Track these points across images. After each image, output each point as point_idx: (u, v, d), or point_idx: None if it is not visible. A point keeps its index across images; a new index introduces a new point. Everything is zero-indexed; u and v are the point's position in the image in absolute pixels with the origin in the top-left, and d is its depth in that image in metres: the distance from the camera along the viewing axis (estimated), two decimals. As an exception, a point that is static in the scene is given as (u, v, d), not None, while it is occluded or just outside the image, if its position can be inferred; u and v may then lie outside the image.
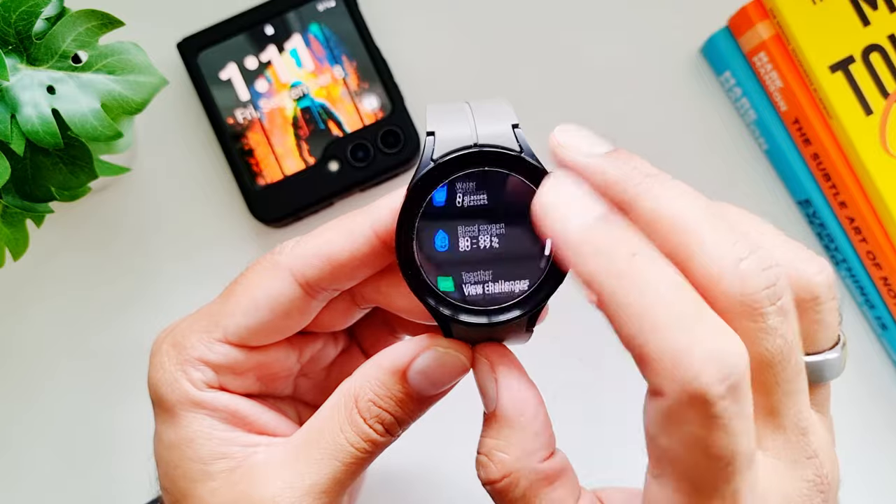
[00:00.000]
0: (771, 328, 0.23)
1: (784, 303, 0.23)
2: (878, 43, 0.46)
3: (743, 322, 0.23)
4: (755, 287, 0.22)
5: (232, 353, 0.30)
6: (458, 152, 0.26)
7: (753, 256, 0.23)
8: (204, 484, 0.29)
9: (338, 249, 0.28)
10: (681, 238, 0.23)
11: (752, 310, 0.23)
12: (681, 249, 0.23)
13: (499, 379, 0.27)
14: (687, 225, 0.23)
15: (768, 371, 0.23)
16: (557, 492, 0.27)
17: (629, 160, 0.24)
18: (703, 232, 0.23)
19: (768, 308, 0.23)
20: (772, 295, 0.23)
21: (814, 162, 0.47)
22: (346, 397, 0.28)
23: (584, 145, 0.25)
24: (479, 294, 0.26)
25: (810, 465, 0.24)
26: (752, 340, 0.23)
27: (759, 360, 0.23)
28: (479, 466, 0.27)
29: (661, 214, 0.23)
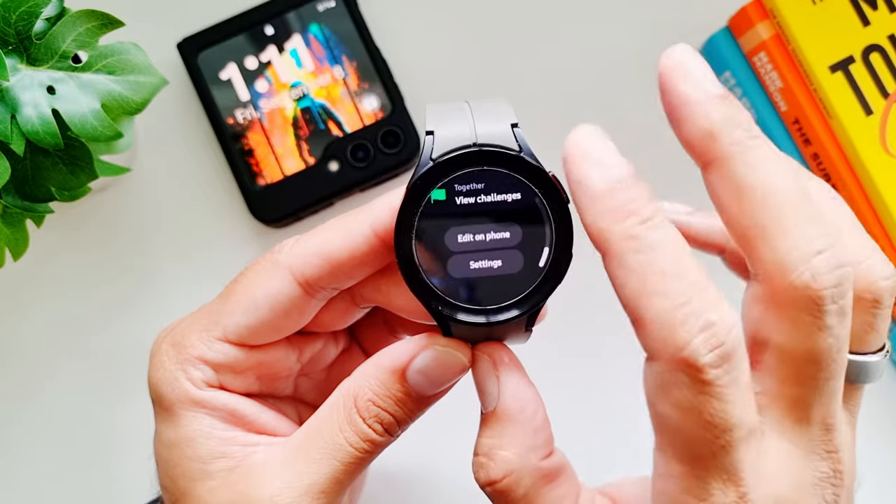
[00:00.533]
0: (826, 326, 0.23)
1: (845, 303, 0.23)
2: (878, 43, 0.46)
3: (800, 314, 0.22)
4: (823, 284, 0.22)
5: (232, 352, 0.30)
6: (458, 151, 0.26)
7: (829, 252, 0.22)
8: (203, 483, 0.29)
9: (337, 248, 0.28)
10: (764, 214, 0.22)
11: (814, 305, 0.22)
12: (759, 225, 0.22)
13: (501, 376, 0.27)
14: (774, 201, 0.22)
15: (811, 366, 0.23)
16: (558, 490, 0.27)
17: (738, 113, 0.23)
18: (786, 215, 0.22)
19: (829, 306, 0.22)
20: (836, 294, 0.22)
21: (814, 162, 0.47)
22: (346, 397, 0.28)
23: (701, 77, 0.23)
24: (479, 293, 0.26)
25: (828, 459, 0.24)
26: (805, 334, 0.23)
27: (805, 354, 0.23)
28: (477, 468, 0.27)
29: (751, 183, 0.22)
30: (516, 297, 0.26)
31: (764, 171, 0.22)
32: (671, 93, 0.23)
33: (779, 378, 0.24)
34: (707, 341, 0.21)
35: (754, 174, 0.22)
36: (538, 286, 0.26)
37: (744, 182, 0.22)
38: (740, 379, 0.22)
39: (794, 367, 0.23)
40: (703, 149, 0.23)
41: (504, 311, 0.26)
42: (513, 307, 0.26)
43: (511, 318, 0.26)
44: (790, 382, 0.23)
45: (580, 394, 0.47)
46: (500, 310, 0.26)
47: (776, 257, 0.22)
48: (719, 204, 0.23)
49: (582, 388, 0.47)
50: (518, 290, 0.26)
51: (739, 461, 0.22)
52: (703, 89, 0.23)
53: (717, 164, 0.23)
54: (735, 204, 0.23)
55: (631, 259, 0.22)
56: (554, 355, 0.45)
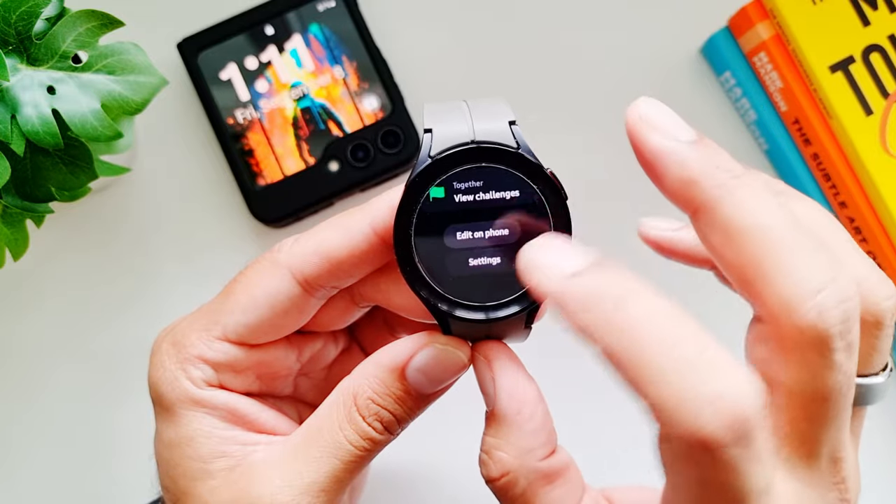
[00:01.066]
0: (836, 364, 0.22)
1: (852, 338, 0.22)
2: (878, 43, 0.46)
3: (809, 355, 0.22)
4: (830, 322, 0.21)
5: (231, 351, 0.30)
6: (456, 149, 0.26)
7: (833, 286, 0.21)
8: (204, 482, 0.29)
9: (336, 247, 0.28)
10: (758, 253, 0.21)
11: (823, 344, 0.21)
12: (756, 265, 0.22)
13: (496, 377, 0.27)
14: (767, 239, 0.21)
15: (821, 405, 0.22)
16: (558, 490, 0.27)
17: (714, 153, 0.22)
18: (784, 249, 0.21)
19: (838, 343, 0.21)
20: (844, 331, 0.21)
21: (814, 162, 0.47)
22: (345, 395, 0.28)
23: (668, 125, 0.22)
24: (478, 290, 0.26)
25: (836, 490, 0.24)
26: (814, 374, 0.22)
27: (814, 394, 0.22)
28: (480, 464, 0.27)
29: (740, 226, 0.22)
30: (515, 294, 0.26)
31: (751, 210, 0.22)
32: (643, 148, 0.22)
33: (788, 418, 0.23)
34: (721, 418, 0.20)
35: (742, 216, 0.22)
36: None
37: (733, 225, 0.22)
38: (759, 448, 0.21)
39: (802, 406, 0.22)
40: (686, 198, 0.22)
41: (502, 308, 0.26)
42: (511, 304, 0.26)
43: (509, 315, 0.26)
44: (798, 421, 0.23)
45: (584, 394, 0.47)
46: (498, 307, 0.26)
47: (778, 298, 0.21)
48: (712, 248, 0.22)
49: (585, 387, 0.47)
50: (517, 287, 0.26)
51: None
52: (674, 138, 0.22)
53: (703, 210, 0.22)
54: (728, 248, 0.22)
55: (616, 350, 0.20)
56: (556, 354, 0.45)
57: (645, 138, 0.22)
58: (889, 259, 0.45)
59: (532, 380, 0.27)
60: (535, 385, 0.27)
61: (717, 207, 0.22)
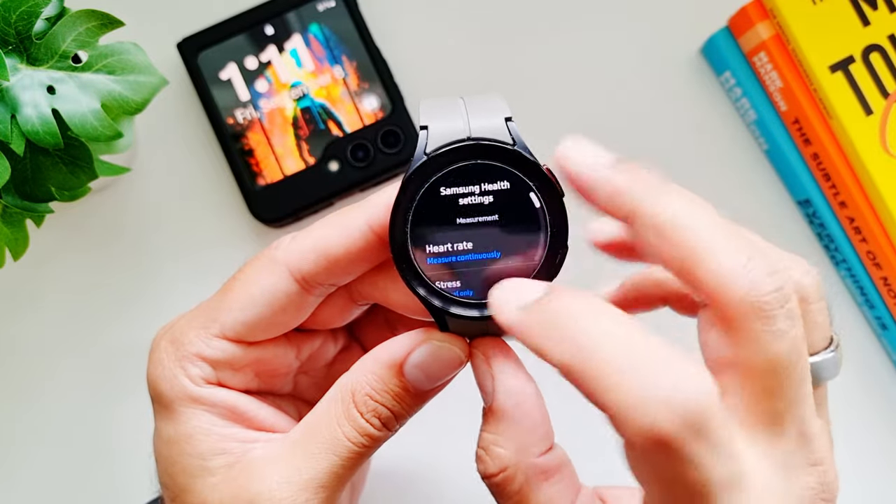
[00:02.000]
0: (780, 331, 0.23)
1: (792, 306, 0.23)
2: (878, 43, 0.46)
3: (752, 325, 0.23)
4: (764, 290, 0.23)
5: (229, 349, 0.30)
6: (452, 145, 0.26)
7: (760, 260, 0.23)
8: (203, 479, 0.29)
9: (333, 244, 0.28)
10: (688, 244, 0.23)
11: (762, 312, 0.23)
12: (688, 254, 0.23)
13: (494, 373, 0.27)
14: (693, 230, 0.23)
15: (774, 376, 0.23)
16: (555, 487, 0.27)
17: (635, 170, 0.25)
18: (710, 236, 0.23)
19: (777, 311, 0.23)
20: (781, 298, 0.23)
21: (814, 162, 0.47)
22: (343, 392, 0.28)
23: (590, 156, 0.25)
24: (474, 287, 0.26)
25: (814, 473, 0.24)
26: (760, 344, 0.23)
27: (766, 365, 0.23)
28: (477, 461, 0.27)
29: (668, 220, 0.24)
30: None
31: (674, 206, 0.24)
32: (573, 176, 0.25)
33: (746, 396, 0.24)
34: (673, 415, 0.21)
35: (666, 212, 0.24)
36: (534, 279, 0.26)
37: (660, 221, 0.24)
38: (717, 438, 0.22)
39: (758, 380, 0.23)
40: (617, 208, 0.25)
41: None
42: None
43: None
44: (758, 398, 0.23)
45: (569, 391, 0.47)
46: None
47: (714, 279, 0.23)
48: (650, 250, 0.24)
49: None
50: None
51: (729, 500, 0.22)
52: (596, 162, 0.25)
53: (633, 215, 0.24)
54: (661, 244, 0.24)
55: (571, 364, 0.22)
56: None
57: (572, 169, 0.25)
58: (889, 259, 0.45)
59: (530, 376, 0.27)
60: (534, 381, 0.27)
61: (644, 209, 0.24)
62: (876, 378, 0.49)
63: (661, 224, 0.24)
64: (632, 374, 0.21)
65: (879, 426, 0.49)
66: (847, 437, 0.47)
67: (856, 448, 0.48)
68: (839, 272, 0.49)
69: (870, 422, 0.49)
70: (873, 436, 0.49)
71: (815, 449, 0.24)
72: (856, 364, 0.49)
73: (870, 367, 0.49)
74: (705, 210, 0.24)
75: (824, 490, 0.24)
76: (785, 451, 0.24)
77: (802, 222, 0.50)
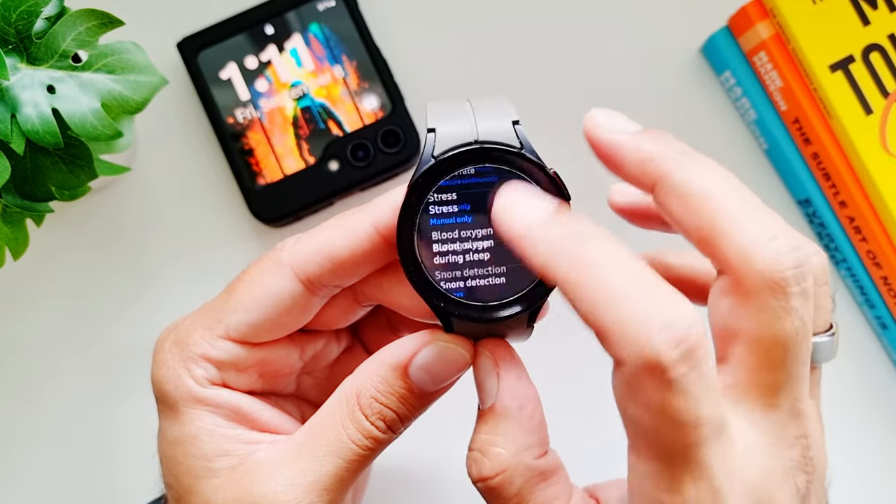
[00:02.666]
0: (793, 308, 0.23)
1: (807, 286, 0.24)
2: (878, 42, 0.46)
3: (767, 298, 0.23)
4: (785, 265, 0.23)
5: (234, 350, 0.30)
6: (459, 149, 0.26)
7: (785, 235, 0.23)
8: (207, 481, 0.29)
9: (339, 246, 0.29)
10: (713, 212, 0.24)
11: (779, 287, 0.23)
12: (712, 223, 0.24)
13: (501, 373, 0.27)
14: (720, 200, 0.24)
15: (780, 350, 0.24)
16: (551, 489, 0.27)
17: (663, 136, 0.25)
18: (735, 207, 0.24)
19: (794, 288, 0.23)
20: (798, 276, 0.23)
21: (814, 162, 0.47)
22: (348, 394, 0.28)
23: (618, 123, 0.26)
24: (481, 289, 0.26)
25: (797, 445, 0.25)
26: (772, 318, 0.23)
27: (773, 338, 0.24)
28: (470, 463, 0.27)
29: (695, 189, 0.24)
30: (517, 293, 0.26)
31: (701, 175, 0.24)
32: (600, 146, 0.25)
33: (748, 366, 0.24)
34: (669, 339, 0.22)
35: (694, 180, 0.24)
36: (540, 283, 0.26)
37: (687, 189, 0.24)
38: (706, 374, 0.22)
39: (763, 352, 0.24)
40: (643, 175, 0.25)
41: (505, 307, 0.26)
42: (514, 304, 0.26)
43: (512, 314, 0.26)
44: (759, 369, 0.24)
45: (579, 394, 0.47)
46: (501, 306, 0.26)
47: (736, 249, 0.23)
48: (672, 217, 0.24)
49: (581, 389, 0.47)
50: (519, 286, 0.26)
51: (710, 456, 0.23)
52: (624, 131, 0.25)
53: (660, 182, 0.24)
54: (686, 212, 0.24)
55: (575, 278, 0.23)
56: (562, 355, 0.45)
57: (600, 137, 0.25)
58: (889, 259, 0.45)
59: (531, 380, 0.28)
60: (535, 386, 0.28)
61: (671, 177, 0.24)
62: (876, 378, 0.49)
63: (688, 192, 0.24)
64: (634, 295, 0.22)
65: (879, 426, 0.49)
66: (847, 437, 0.47)
67: (856, 448, 0.48)
68: (839, 272, 0.49)
69: (870, 422, 0.49)
70: (873, 435, 0.49)
71: (802, 424, 0.25)
72: (856, 364, 0.49)
73: (870, 367, 0.49)
74: (732, 181, 0.24)
75: (806, 464, 0.25)
76: (775, 423, 0.24)
77: (802, 222, 0.50)
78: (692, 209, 0.24)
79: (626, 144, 0.25)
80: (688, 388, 0.22)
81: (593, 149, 0.25)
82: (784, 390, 0.24)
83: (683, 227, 0.24)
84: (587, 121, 0.26)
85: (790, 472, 0.24)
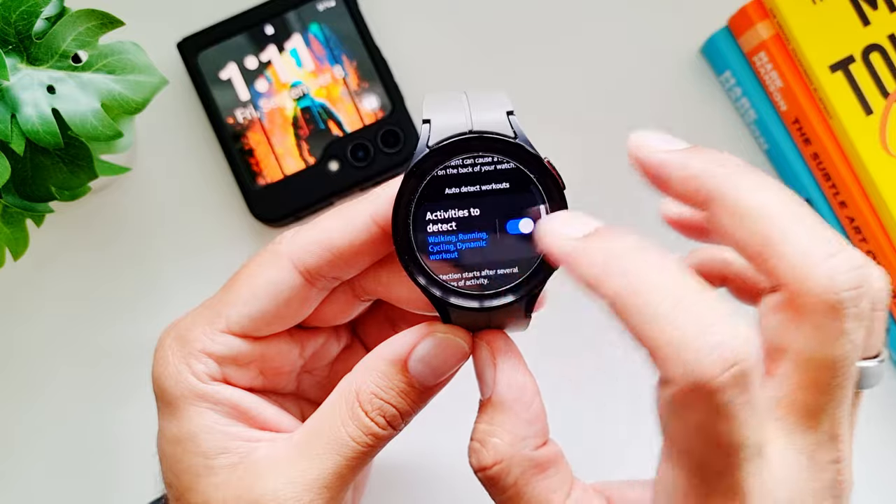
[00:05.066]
0: (846, 331, 0.23)
1: (864, 307, 0.23)
2: (879, 43, 0.46)
3: (821, 319, 0.23)
4: (842, 286, 0.22)
5: (235, 344, 0.30)
6: (453, 139, 0.26)
7: (843, 254, 0.23)
8: (207, 478, 0.29)
9: (337, 237, 0.29)
10: (767, 229, 0.23)
11: (835, 309, 0.22)
12: (767, 241, 0.23)
13: (497, 364, 0.27)
14: (773, 216, 0.23)
15: (827, 372, 0.23)
16: (548, 481, 0.27)
17: (709, 153, 0.25)
18: (790, 224, 0.23)
19: (850, 310, 0.23)
20: (856, 297, 0.23)
21: (814, 162, 0.47)
22: (348, 391, 0.28)
23: (663, 143, 0.25)
24: (476, 278, 0.26)
25: (831, 469, 0.24)
26: (825, 339, 0.23)
27: (823, 360, 0.23)
28: (470, 453, 0.27)
29: (746, 205, 0.23)
30: (513, 282, 0.26)
31: (756, 191, 0.24)
32: (647, 165, 0.25)
33: (794, 385, 0.24)
34: (720, 361, 0.21)
35: (748, 196, 0.23)
36: (534, 272, 0.26)
37: (741, 206, 0.23)
38: (754, 398, 0.22)
39: (811, 373, 0.23)
40: (694, 194, 0.24)
41: (500, 296, 0.26)
42: (509, 293, 0.26)
43: (507, 303, 0.26)
44: (805, 389, 0.23)
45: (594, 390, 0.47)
46: (496, 295, 0.26)
47: (792, 265, 0.23)
48: (725, 234, 0.24)
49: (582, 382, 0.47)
50: (515, 275, 0.26)
51: (746, 479, 0.22)
52: (670, 149, 0.25)
53: (712, 199, 0.24)
54: (740, 228, 0.23)
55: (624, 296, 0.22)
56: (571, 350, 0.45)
57: (647, 156, 0.25)
58: (889, 259, 0.45)
59: (529, 371, 0.28)
60: (533, 376, 0.28)
61: (724, 193, 0.24)
62: (876, 378, 0.49)
63: (740, 209, 0.23)
64: (685, 313, 0.21)
65: (879, 426, 0.49)
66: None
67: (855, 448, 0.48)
68: (839, 272, 0.49)
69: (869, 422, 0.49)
70: (873, 435, 0.49)
71: (838, 448, 0.24)
72: (856, 364, 0.49)
73: (870, 367, 0.49)
74: (785, 196, 0.24)
75: (834, 487, 0.24)
76: (813, 444, 0.24)
77: (802, 222, 0.50)
78: (745, 226, 0.23)
79: (673, 163, 0.25)
80: (735, 412, 0.21)
81: (640, 170, 0.25)
82: (826, 413, 0.24)
83: (738, 245, 0.24)
84: (632, 142, 0.25)
85: (820, 494, 0.24)
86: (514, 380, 0.27)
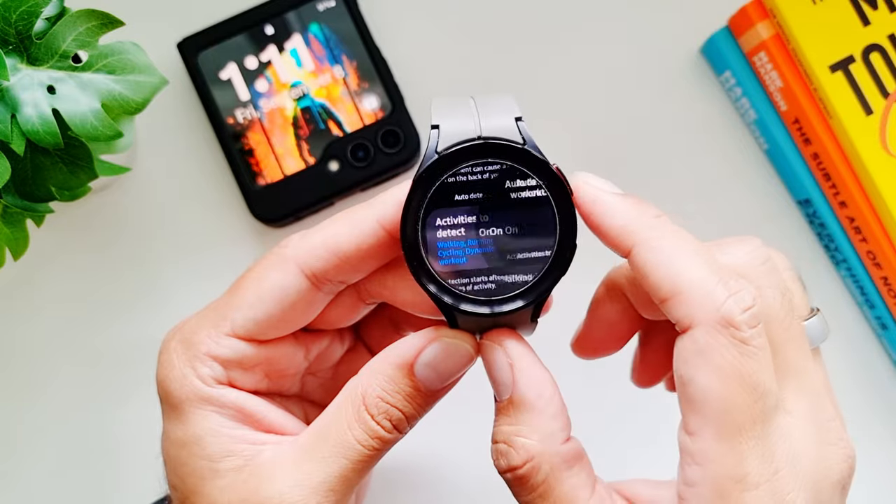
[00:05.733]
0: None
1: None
2: (878, 43, 0.46)
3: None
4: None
5: (240, 347, 0.30)
6: (462, 144, 0.26)
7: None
8: (212, 482, 0.29)
9: (344, 241, 0.29)
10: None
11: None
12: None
13: (514, 362, 0.27)
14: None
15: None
16: (577, 476, 0.27)
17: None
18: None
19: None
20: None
21: (814, 162, 0.47)
22: (354, 394, 0.28)
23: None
24: (484, 283, 0.26)
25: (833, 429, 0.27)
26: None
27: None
28: (497, 456, 0.27)
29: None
30: (521, 287, 0.26)
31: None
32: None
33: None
34: (739, 304, 0.24)
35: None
36: (543, 277, 0.26)
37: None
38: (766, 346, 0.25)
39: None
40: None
41: (508, 301, 0.26)
42: (518, 298, 0.26)
43: (515, 308, 0.26)
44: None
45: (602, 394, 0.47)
46: (504, 300, 0.26)
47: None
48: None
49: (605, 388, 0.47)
50: (523, 280, 0.26)
51: (775, 431, 0.24)
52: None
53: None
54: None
55: (655, 242, 0.25)
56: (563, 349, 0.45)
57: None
58: (889, 259, 0.45)
59: (545, 366, 0.28)
60: (549, 370, 0.28)
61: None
62: (876, 378, 0.49)
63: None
64: (707, 263, 0.25)
65: (879, 426, 0.49)
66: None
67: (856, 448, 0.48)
68: (839, 272, 0.49)
69: (869, 421, 0.49)
70: (873, 435, 0.49)
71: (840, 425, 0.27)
72: (856, 364, 0.49)
73: (870, 367, 0.49)
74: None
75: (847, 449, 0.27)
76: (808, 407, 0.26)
77: (802, 222, 0.50)
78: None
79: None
80: (757, 352, 0.24)
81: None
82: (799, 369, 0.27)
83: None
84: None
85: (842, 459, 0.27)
86: (534, 376, 0.27)
